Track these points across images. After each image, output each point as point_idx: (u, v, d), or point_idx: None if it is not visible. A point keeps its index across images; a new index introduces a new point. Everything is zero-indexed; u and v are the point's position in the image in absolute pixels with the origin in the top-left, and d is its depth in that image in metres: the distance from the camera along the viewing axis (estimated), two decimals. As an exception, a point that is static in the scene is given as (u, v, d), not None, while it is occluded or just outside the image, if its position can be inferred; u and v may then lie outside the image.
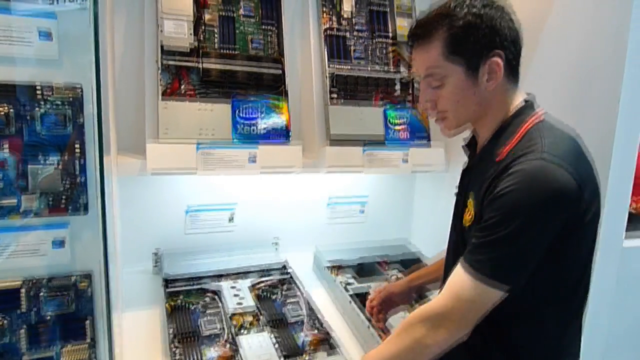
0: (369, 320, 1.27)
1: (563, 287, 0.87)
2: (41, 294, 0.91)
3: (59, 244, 0.92)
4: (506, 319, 0.88)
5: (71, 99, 0.90)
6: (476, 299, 0.82)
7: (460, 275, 0.84)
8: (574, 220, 0.81)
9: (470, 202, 0.91)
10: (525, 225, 0.78)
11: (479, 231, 0.84)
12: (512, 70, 0.90)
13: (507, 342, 0.89)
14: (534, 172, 0.79)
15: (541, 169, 0.78)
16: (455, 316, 0.84)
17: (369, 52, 1.56)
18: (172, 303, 1.29)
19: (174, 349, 1.10)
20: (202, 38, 1.36)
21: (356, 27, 1.55)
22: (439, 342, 0.85)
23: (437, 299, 0.87)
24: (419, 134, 1.55)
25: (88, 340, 0.95)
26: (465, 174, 1.01)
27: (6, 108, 0.85)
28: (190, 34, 1.33)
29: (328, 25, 1.51)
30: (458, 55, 0.87)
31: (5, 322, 0.88)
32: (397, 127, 1.52)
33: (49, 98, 0.88)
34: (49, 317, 0.92)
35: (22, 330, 0.90)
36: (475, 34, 0.85)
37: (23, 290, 0.89)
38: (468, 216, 0.92)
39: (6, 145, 0.86)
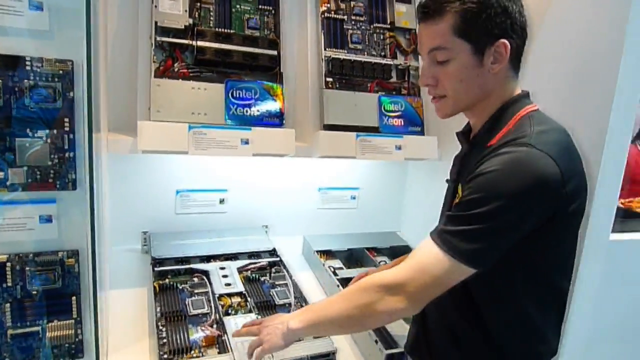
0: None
1: (543, 275, 0.88)
2: (27, 269, 0.90)
3: (47, 219, 0.92)
4: (486, 302, 0.88)
5: (61, 72, 0.89)
6: (441, 274, 0.81)
7: (428, 248, 0.83)
8: (556, 210, 0.81)
9: (460, 189, 0.92)
10: (503, 207, 0.77)
11: (455, 206, 0.84)
12: (516, 58, 0.89)
13: (486, 326, 0.90)
14: (518, 157, 0.78)
15: (526, 154, 0.78)
16: (415, 288, 0.82)
17: (367, 37, 1.54)
18: (160, 282, 1.29)
19: (160, 328, 1.10)
20: (197, 16, 1.34)
21: (354, 12, 1.53)
22: (390, 310, 0.84)
23: (400, 268, 0.85)
24: (414, 123, 1.55)
25: (74, 316, 0.94)
26: (457, 161, 1.01)
27: (-6, 79, 0.84)
28: (185, 12, 1.30)
29: (326, 8, 1.49)
30: (468, 33, 0.85)
31: (-10, 295, 0.88)
32: (391, 115, 1.52)
33: (38, 71, 0.87)
34: (35, 293, 0.91)
35: (7, 305, 0.89)
36: (489, 14, 0.84)
37: (9, 265, 0.89)
38: (457, 202, 0.92)
39: (-6, 118, 0.84)
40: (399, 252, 1.70)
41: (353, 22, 1.53)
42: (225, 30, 1.36)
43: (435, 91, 0.94)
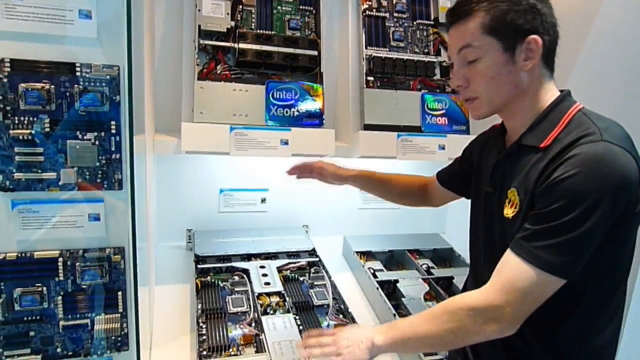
0: (396, 309, 1.26)
1: (607, 271, 0.84)
2: (77, 264, 0.95)
3: (95, 217, 0.96)
4: (555, 311, 0.84)
5: (109, 77, 0.93)
6: (534, 290, 0.78)
7: (515, 265, 0.80)
8: (631, 206, 0.78)
9: (513, 194, 0.87)
10: (590, 209, 0.74)
11: (535, 218, 0.80)
12: (549, 55, 0.87)
13: (548, 334, 0.86)
14: (599, 155, 0.75)
15: (606, 151, 0.75)
16: (510, 309, 0.79)
17: (409, 34, 1.51)
18: (202, 280, 1.32)
19: (200, 324, 1.13)
20: (239, 19, 1.36)
21: (397, 8, 1.50)
22: (486, 334, 0.82)
23: (489, 290, 0.82)
24: (458, 121, 1.50)
25: (120, 310, 0.99)
26: (496, 168, 0.96)
27: (47, 85, 0.89)
28: (228, 15, 1.33)
29: (367, 6, 1.47)
30: (497, 31, 0.84)
31: (44, 288, 0.93)
32: (435, 113, 1.48)
33: (87, 76, 0.91)
34: (84, 287, 0.96)
35: (59, 298, 0.95)
36: (517, 10, 0.83)
37: (61, 260, 0.94)
38: (511, 207, 0.88)
39: (47, 121, 0.89)
40: (442, 254, 1.66)
41: (395, 19, 1.50)
42: (267, 32, 1.37)
43: (466, 93, 0.91)
